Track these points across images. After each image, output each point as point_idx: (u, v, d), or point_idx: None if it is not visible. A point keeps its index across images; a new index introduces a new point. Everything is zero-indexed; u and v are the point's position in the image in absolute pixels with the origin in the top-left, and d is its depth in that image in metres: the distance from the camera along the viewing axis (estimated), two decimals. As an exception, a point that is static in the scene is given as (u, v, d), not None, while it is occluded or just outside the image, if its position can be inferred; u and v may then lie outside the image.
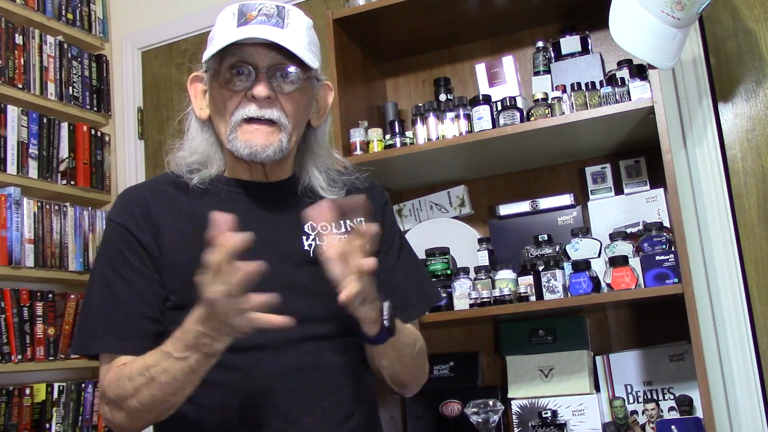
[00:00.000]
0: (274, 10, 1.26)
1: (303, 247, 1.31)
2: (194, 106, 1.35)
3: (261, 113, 1.25)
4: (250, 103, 1.25)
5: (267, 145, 1.25)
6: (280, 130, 1.27)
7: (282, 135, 1.27)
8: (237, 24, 1.25)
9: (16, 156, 2.60)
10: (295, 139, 1.32)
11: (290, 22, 1.26)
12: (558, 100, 2.00)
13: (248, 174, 1.34)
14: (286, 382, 1.22)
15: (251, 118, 1.25)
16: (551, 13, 2.30)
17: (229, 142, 1.27)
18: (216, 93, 1.29)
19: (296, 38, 1.25)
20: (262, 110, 1.25)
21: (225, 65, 1.26)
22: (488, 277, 2.03)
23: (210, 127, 1.34)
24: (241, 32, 1.23)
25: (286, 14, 1.27)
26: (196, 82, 1.35)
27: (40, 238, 2.61)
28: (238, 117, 1.26)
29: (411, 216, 2.44)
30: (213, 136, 1.34)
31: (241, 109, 1.26)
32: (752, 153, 2.11)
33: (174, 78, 2.98)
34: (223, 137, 1.29)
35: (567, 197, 2.18)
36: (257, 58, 1.25)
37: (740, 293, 2.06)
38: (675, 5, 1.73)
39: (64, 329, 2.63)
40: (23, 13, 2.72)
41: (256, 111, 1.25)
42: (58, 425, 2.56)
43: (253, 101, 1.25)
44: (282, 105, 1.27)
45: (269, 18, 1.25)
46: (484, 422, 1.98)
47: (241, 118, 1.25)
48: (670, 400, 2.00)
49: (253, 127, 1.25)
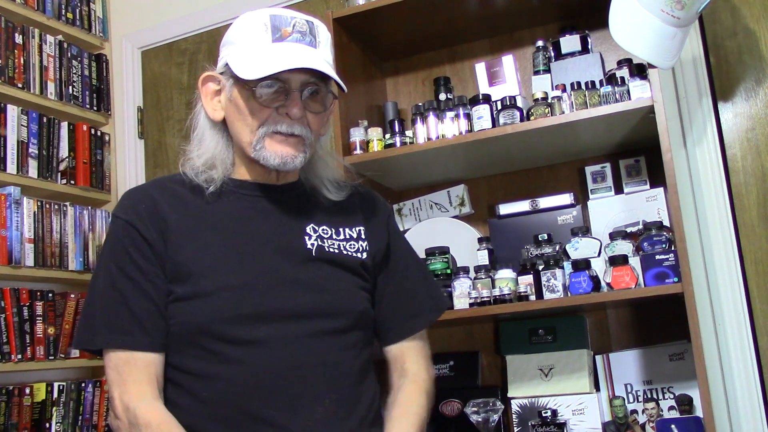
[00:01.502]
0: (306, 27, 1.28)
1: (306, 246, 1.32)
2: (206, 107, 1.36)
3: (291, 130, 1.28)
4: (281, 119, 1.28)
5: (295, 156, 1.30)
6: (305, 143, 1.31)
7: (306, 147, 1.31)
8: (272, 38, 1.26)
9: (15, 155, 2.60)
10: (312, 149, 1.36)
11: (320, 40, 1.30)
12: (558, 100, 2.00)
13: (262, 176, 1.36)
14: (289, 377, 1.23)
15: (280, 132, 1.28)
16: (551, 13, 2.30)
17: (255, 151, 1.29)
18: (243, 101, 1.29)
19: (326, 58, 1.29)
20: (293, 127, 1.28)
21: (257, 78, 1.26)
22: (488, 277, 2.03)
23: (221, 128, 1.36)
24: (281, 52, 1.24)
25: (317, 32, 1.30)
26: (209, 82, 1.36)
27: (40, 238, 2.61)
28: (269, 129, 1.28)
29: (411, 215, 2.44)
30: (224, 138, 1.36)
31: (271, 124, 1.28)
32: (752, 152, 2.11)
33: (174, 77, 2.98)
34: (245, 144, 1.31)
35: (567, 196, 2.18)
36: (292, 77, 1.27)
37: (740, 292, 2.06)
38: (675, 4, 1.73)
39: (64, 329, 2.63)
40: (23, 12, 2.72)
41: (288, 128, 1.29)
42: (58, 425, 2.56)
43: (285, 117, 1.28)
44: (309, 122, 1.31)
45: (303, 36, 1.27)
46: (484, 421, 1.98)
47: (271, 131, 1.28)
48: (670, 399, 2.00)
49: (281, 138, 1.29)
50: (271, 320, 1.24)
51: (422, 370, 1.42)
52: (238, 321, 1.23)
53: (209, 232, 1.29)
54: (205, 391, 1.22)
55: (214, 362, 1.22)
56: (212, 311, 1.23)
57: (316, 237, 1.34)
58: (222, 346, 1.22)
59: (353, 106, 2.23)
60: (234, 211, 1.32)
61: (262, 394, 1.21)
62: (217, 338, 1.22)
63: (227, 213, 1.32)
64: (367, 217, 1.43)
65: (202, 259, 1.26)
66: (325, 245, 1.34)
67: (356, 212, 1.43)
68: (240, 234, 1.30)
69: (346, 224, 1.39)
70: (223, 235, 1.29)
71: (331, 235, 1.36)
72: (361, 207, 1.44)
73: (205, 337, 1.23)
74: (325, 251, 1.33)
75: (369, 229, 1.41)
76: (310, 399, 1.23)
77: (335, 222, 1.38)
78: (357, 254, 1.37)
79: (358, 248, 1.37)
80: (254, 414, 1.21)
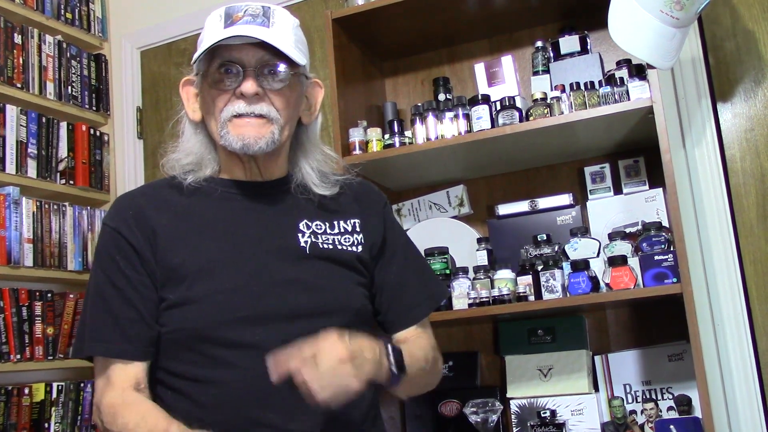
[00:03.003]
0: (259, 10, 1.29)
1: (299, 244, 1.32)
2: (187, 109, 1.38)
3: (250, 109, 1.27)
4: (238, 101, 1.27)
5: (259, 137, 1.28)
6: (272, 122, 1.29)
7: (273, 127, 1.29)
8: (224, 25, 1.27)
9: (15, 155, 2.60)
10: (287, 134, 1.34)
11: (276, 22, 1.29)
12: (557, 100, 2.00)
13: (243, 173, 1.36)
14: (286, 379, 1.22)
15: (241, 114, 1.27)
16: (550, 13, 2.30)
17: (222, 138, 1.29)
18: (206, 93, 1.31)
19: (282, 36, 1.27)
20: (251, 106, 1.27)
21: (214, 65, 1.28)
22: (487, 277, 2.03)
23: (203, 128, 1.37)
24: (227, 33, 1.25)
25: (271, 14, 1.29)
26: (187, 86, 1.38)
27: (39, 238, 2.60)
28: (228, 114, 1.28)
29: (410, 216, 2.44)
30: (206, 138, 1.37)
31: (230, 106, 1.28)
32: (751, 153, 2.11)
33: (173, 77, 2.97)
34: (216, 135, 1.31)
35: (566, 197, 2.18)
36: (244, 57, 1.27)
37: (739, 293, 2.06)
38: (674, 5, 1.73)
39: (63, 329, 2.63)
40: (22, 12, 2.72)
41: (245, 107, 1.27)
42: (57, 425, 2.56)
43: (241, 98, 1.27)
44: (271, 101, 1.29)
45: (255, 18, 1.27)
46: (483, 422, 1.98)
47: (230, 115, 1.28)
48: (668, 399, 2.00)
49: (243, 121, 1.28)
50: (266, 322, 1.23)
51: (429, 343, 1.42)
52: (234, 324, 1.22)
53: (200, 235, 1.29)
54: (204, 396, 1.22)
55: (211, 367, 1.22)
56: (207, 316, 1.23)
57: (309, 234, 1.33)
58: (218, 351, 1.22)
59: (352, 106, 2.23)
60: (224, 212, 1.32)
61: (260, 397, 1.21)
62: (213, 342, 1.22)
63: (217, 214, 1.32)
64: (363, 209, 1.42)
65: (194, 263, 1.26)
66: (319, 242, 1.33)
67: (351, 204, 1.41)
68: (231, 235, 1.29)
69: (340, 217, 1.38)
70: (215, 237, 1.29)
71: (325, 230, 1.35)
72: (356, 199, 1.43)
73: (201, 341, 1.22)
74: (319, 248, 1.32)
75: (364, 221, 1.40)
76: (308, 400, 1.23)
77: (329, 215, 1.37)
78: (352, 248, 1.36)
79: (353, 242, 1.36)
80: (253, 417, 1.20)
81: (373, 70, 2.49)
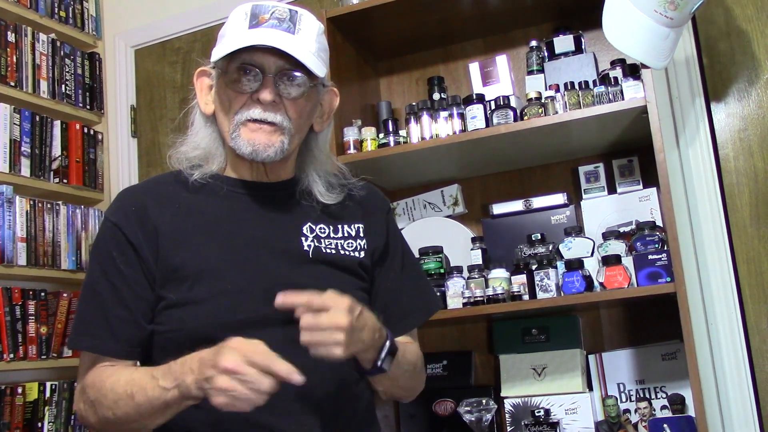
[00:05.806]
0: (286, 14, 1.26)
1: (302, 247, 1.31)
2: (199, 101, 1.36)
3: (264, 116, 1.26)
4: (255, 105, 1.26)
5: (269, 144, 1.27)
6: (283, 132, 1.28)
7: (284, 137, 1.28)
8: (249, 25, 1.26)
9: (8, 154, 2.59)
10: (296, 142, 1.33)
11: (301, 28, 1.27)
12: (551, 100, 2.00)
13: (249, 173, 1.35)
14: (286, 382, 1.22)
15: (254, 119, 1.26)
16: (545, 13, 2.30)
17: (232, 140, 1.28)
18: (222, 91, 1.30)
19: (305, 45, 1.26)
20: (266, 113, 1.26)
21: (233, 65, 1.26)
22: (481, 276, 2.03)
23: (214, 122, 1.35)
24: (252, 36, 1.24)
25: (298, 19, 1.27)
26: (202, 76, 1.36)
27: (33, 237, 2.60)
28: (242, 117, 1.27)
29: (404, 215, 2.44)
30: (216, 132, 1.35)
31: (245, 110, 1.27)
32: (744, 152, 2.12)
33: (167, 76, 2.97)
34: (226, 134, 1.30)
35: (560, 196, 2.18)
36: (265, 62, 1.25)
37: (732, 292, 2.07)
38: (668, 5, 1.73)
39: (57, 328, 2.62)
40: (15, 10, 2.71)
41: (260, 114, 1.26)
42: (50, 424, 2.56)
43: (258, 104, 1.26)
44: (286, 109, 1.28)
45: (281, 22, 1.25)
46: (477, 421, 1.98)
47: (245, 119, 1.26)
48: (662, 398, 2.01)
49: (256, 126, 1.26)
50: (267, 325, 1.22)
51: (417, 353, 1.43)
52: (234, 327, 1.21)
53: (203, 235, 1.28)
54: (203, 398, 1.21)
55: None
56: (208, 317, 1.22)
57: (312, 237, 1.32)
58: None
59: (347, 105, 2.22)
60: (228, 211, 1.31)
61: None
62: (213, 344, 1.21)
63: (221, 214, 1.30)
64: (367, 214, 1.41)
65: (197, 263, 1.25)
66: (322, 246, 1.32)
67: (356, 209, 1.41)
68: (235, 236, 1.29)
69: (344, 221, 1.37)
70: (218, 237, 1.28)
71: (328, 234, 1.34)
72: (361, 203, 1.42)
73: (200, 342, 1.21)
74: (321, 252, 1.31)
75: (368, 226, 1.39)
76: (308, 403, 1.22)
77: (333, 219, 1.37)
78: (355, 253, 1.35)
79: (356, 247, 1.36)
80: (253, 419, 1.20)
81: (368, 69, 2.49)
